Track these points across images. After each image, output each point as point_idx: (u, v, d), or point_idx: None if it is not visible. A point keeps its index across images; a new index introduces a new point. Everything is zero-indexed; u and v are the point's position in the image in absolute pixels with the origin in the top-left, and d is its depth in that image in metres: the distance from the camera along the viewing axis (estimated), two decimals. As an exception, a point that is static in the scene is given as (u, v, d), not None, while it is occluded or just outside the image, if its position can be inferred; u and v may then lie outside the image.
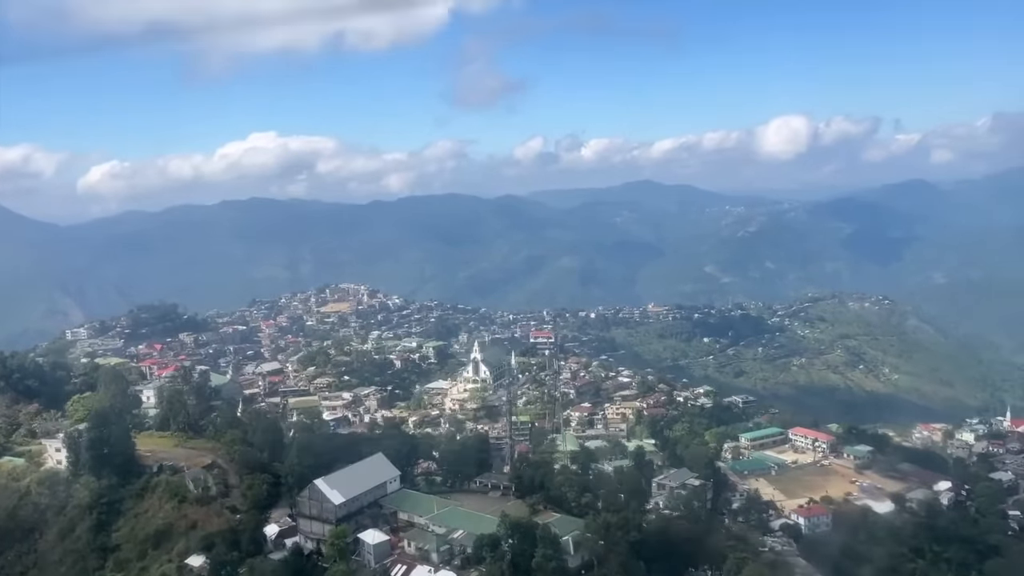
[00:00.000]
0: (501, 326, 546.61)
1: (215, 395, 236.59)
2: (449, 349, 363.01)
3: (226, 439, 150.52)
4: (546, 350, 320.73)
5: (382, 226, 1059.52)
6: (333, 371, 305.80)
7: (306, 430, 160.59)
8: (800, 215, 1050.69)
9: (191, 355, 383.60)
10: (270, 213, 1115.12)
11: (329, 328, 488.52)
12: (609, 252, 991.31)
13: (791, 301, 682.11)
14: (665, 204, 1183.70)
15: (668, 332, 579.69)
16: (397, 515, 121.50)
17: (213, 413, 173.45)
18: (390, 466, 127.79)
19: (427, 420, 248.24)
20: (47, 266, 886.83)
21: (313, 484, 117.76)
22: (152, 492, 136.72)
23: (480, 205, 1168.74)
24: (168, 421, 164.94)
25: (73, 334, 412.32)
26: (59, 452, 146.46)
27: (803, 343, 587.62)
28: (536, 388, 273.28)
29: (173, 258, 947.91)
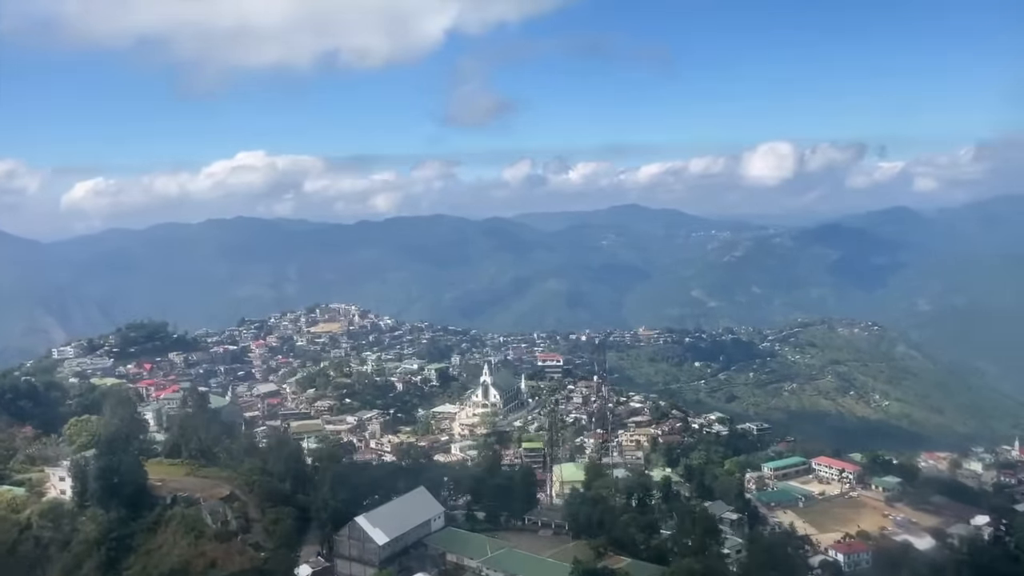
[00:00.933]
0: (492, 348, 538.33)
1: (216, 418, 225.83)
2: (449, 371, 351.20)
3: (244, 468, 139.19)
4: (555, 374, 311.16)
5: (368, 246, 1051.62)
6: (334, 393, 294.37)
7: (329, 458, 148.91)
8: (785, 241, 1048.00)
9: (181, 375, 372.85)
10: (256, 232, 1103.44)
11: (320, 348, 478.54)
12: (596, 275, 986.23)
13: (781, 326, 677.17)
14: (651, 228, 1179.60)
15: (659, 356, 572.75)
16: (445, 557, 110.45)
17: (226, 439, 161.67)
18: (434, 502, 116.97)
19: (437, 446, 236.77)
20: (28, 283, 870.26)
21: (354, 522, 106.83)
22: (166, 526, 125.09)
23: (467, 226, 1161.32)
24: (179, 447, 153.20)
25: (60, 352, 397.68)
26: (63, 481, 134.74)
27: (794, 368, 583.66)
28: (547, 413, 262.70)
29: (157, 276, 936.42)
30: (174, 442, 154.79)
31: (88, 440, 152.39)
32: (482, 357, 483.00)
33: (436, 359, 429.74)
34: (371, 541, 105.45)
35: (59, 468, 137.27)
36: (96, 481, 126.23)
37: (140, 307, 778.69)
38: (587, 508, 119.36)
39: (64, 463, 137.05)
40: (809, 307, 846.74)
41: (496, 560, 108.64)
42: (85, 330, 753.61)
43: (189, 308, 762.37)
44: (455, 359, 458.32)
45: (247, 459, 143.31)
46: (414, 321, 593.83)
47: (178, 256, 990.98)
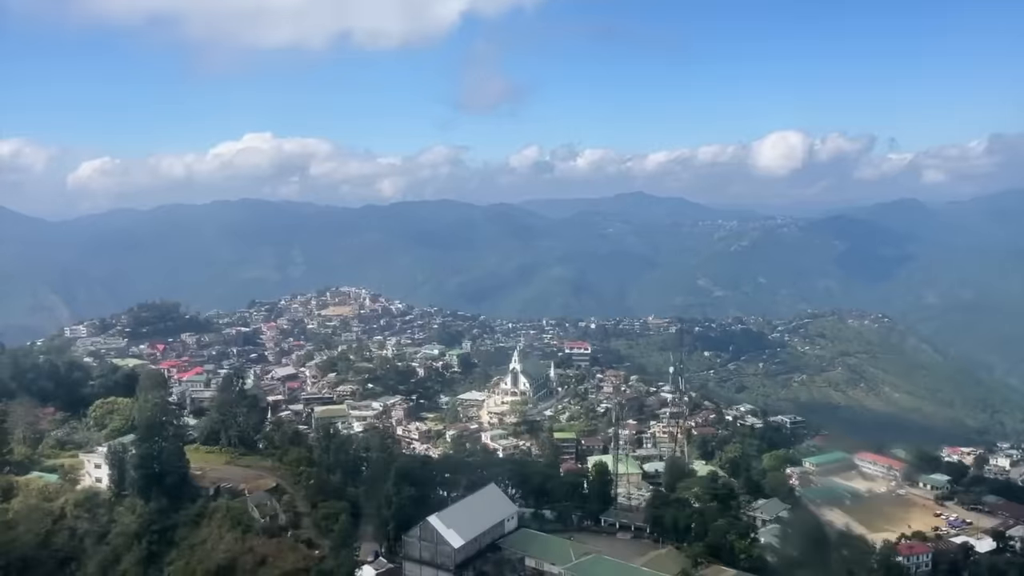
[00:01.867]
0: (502, 334, 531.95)
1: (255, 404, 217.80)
2: (471, 358, 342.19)
3: (289, 458, 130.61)
4: (582, 362, 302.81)
5: (374, 230, 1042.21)
6: (356, 378, 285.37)
7: (380, 449, 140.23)
8: (792, 231, 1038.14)
9: (195, 356, 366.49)
10: (261, 214, 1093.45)
11: (331, 332, 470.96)
12: (601, 263, 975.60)
13: (790, 317, 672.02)
14: (657, 216, 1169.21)
15: (668, 345, 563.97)
16: (524, 562, 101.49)
17: (266, 426, 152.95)
18: (506, 500, 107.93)
19: (466, 435, 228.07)
20: (34, 262, 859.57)
21: (426, 522, 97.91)
22: (210, 519, 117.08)
23: (473, 212, 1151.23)
24: (217, 434, 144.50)
25: (72, 331, 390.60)
26: (99, 468, 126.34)
27: (804, 359, 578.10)
28: (577, 403, 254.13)
29: (162, 257, 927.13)
30: (212, 428, 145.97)
31: (121, 424, 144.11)
32: (494, 343, 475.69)
33: (448, 344, 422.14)
34: (445, 543, 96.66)
35: (94, 454, 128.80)
36: (136, 470, 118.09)
37: (145, 288, 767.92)
38: (672, 511, 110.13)
39: (99, 449, 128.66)
40: (815, 298, 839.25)
41: (584, 568, 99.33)
42: (90, 309, 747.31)
43: (195, 289, 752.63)
44: (466, 344, 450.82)
45: (291, 448, 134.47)
46: (420, 306, 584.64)
47: (184, 237, 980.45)
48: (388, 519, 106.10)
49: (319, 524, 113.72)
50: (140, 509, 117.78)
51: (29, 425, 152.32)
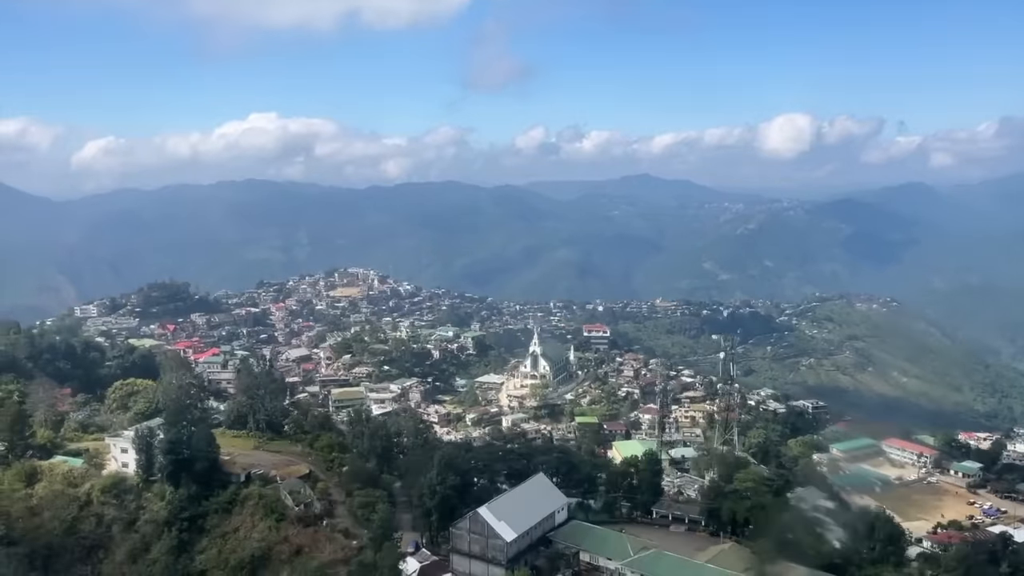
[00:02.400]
0: (510, 316, 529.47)
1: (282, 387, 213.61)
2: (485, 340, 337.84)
3: (321, 444, 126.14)
4: (601, 345, 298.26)
5: (379, 212, 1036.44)
6: (371, 360, 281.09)
7: (416, 435, 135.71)
8: (799, 214, 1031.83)
9: (205, 337, 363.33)
10: (266, 195, 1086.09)
11: (340, 313, 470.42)
12: (607, 245, 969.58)
13: (798, 300, 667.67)
14: (663, 199, 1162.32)
15: (676, 328, 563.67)
16: (579, 557, 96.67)
17: (294, 410, 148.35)
18: (556, 491, 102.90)
19: (486, 418, 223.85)
20: (39, 242, 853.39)
21: (476, 514, 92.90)
22: (241, 506, 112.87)
23: (478, 194, 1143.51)
24: (245, 418, 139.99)
25: (82, 311, 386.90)
26: (125, 453, 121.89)
27: (812, 343, 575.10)
28: (598, 386, 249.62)
29: (168, 237, 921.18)
30: (239, 412, 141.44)
31: (145, 407, 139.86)
32: (502, 325, 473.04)
33: (457, 326, 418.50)
34: (497, 537, 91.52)
35: (120, 438, 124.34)
36: (166, 455, 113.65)
37: (151, 268, 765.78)
38: (730, 503, 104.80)
39: (125, 433, 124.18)
40: (821, 282, 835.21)
41: (643, 564, 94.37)
42: (96, 290, 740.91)
43: (200, 270, 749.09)
44: (476, 326, 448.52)
45: (322, 433, 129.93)
46: (427, 288, 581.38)
47: (189, 218, 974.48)
48: (431, 509, 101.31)
49: (355, 513, 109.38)
50: (169, 496, 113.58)
51: (48, 407, 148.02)
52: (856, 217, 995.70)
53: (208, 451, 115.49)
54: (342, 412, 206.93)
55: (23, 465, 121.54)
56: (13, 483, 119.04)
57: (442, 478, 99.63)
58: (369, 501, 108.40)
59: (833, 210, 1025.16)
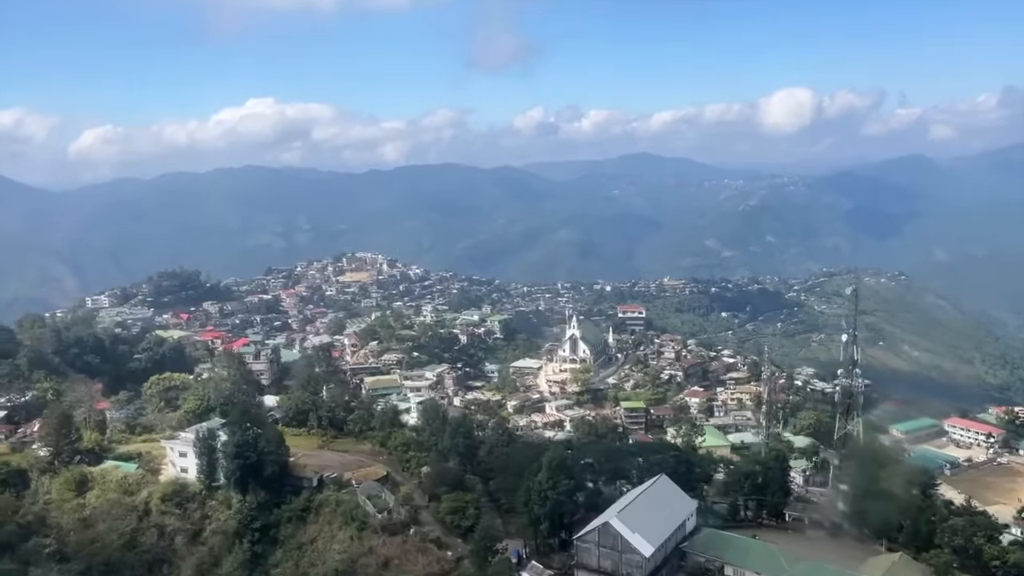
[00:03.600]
0: (520, 298, 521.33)
1: (287, 374, 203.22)
2: (514, 324, 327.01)
3: (394, 442, 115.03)
4: (636, 326, 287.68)
5: (378, 195, 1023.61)
6: (399, 346, 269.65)
7: (499, 430, 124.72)
8: (800, 189, 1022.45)
9: (219, 325, 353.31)
10: (264, 181, 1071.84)
11: (350, 298, 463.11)
12: (607, 225, 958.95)
13: (806, 276, 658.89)
14: (663, 177, 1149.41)
15: (685, 306, 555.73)
16: (724, 571, 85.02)
17: (356, 404, 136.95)
18: (682, 495, 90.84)
19: (528, 405, 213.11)
20: (38, 233, 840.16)
21: (607, 525, 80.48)
22: (317, 514, 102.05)
23: (477, 175, 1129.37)
24: (305, 415, 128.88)
25: (94, 302, 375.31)
26: (184, 457, 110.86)
27: (821, 319, 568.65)
28: (640, 369, 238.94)
29: (167, 226, 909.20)
30: (298, 408, 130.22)
31: (196, 405, 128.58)
32: (513, 307, 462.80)
33: (467, 308, 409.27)
34: (633, 551, 78.87)
35: (177, 441, 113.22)
36: (232, 459, 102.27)
37: (151, 257, 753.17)
38: (881, 505, 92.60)
39: (183, 435, 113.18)
40: (824, 256, 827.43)
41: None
42: (97, 279, 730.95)
43: (200, 257, 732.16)
44: (485, 309, 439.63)
45: (395, 431, 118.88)
46: (433, 271, 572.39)
47: (188, 205, 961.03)
48: (540, 517, 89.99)
49: (444, 520, 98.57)
50: (238, 504, 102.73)
51: (89, 406, 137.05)
52: (857, 191, 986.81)
53: (278, 453, 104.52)
54: (379, 402, 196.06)
55: (72, 472, 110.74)
56: (63, 492, 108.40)
57: (554, 482, 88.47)
58: (459, 506, 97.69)
59: (833, 184, 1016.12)
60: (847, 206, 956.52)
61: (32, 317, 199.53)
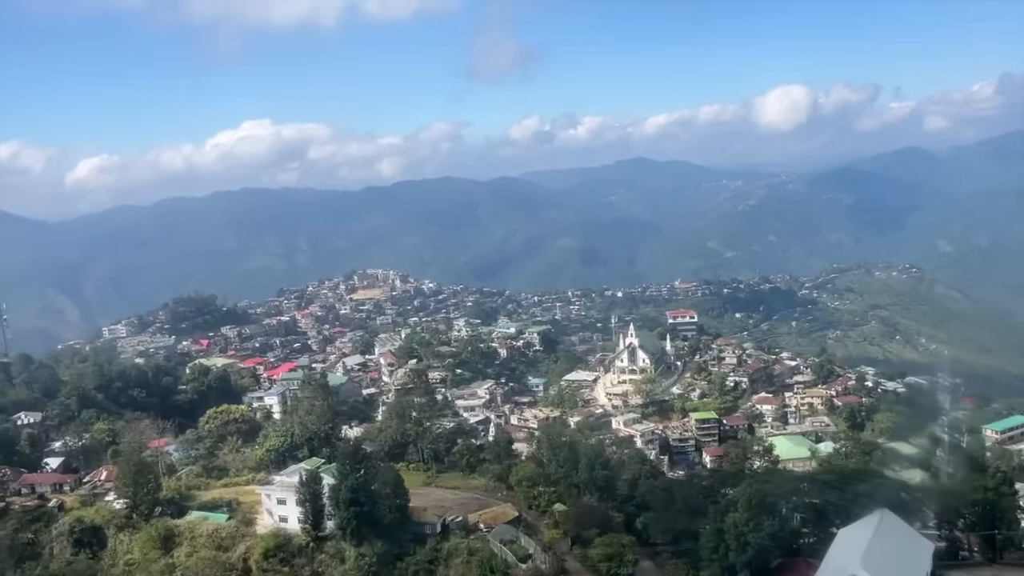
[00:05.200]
0: (537, 308, 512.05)
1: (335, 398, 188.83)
2: (553, 335, 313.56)
3: (518, 476, 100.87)
4: (688, 331, 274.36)
5: (377, 212, 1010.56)
6: (440, 363, 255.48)
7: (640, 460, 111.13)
8: (799, 187, 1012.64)
9: (240, 350, 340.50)
10: (262, 203, 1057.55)
11: (366, 316, 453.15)
12: (608, 231, 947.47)
13: (817, 273, 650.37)
14: (660, 181, 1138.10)
15: (698, 308, 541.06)
16: None
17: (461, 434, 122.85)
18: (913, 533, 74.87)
19: (592, 420, 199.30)
20: (38, 264, 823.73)
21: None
22: (446, 565, 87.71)
23: (475, 188, 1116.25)
24: (403, 447, 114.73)
25: (111, 331, 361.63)
26: (283, 505, 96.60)
27: (835, 315, 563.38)
28: (703, 377, 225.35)
29: (167, 252, 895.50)
30: (396, 440, 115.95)
31: (280, 442, 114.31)
32: (529, 318, 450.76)
33: (484, 320, 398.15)
34: None
35: (273, 487, 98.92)
36: (347, 506, 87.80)
37: (153, 283, 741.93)
38: None
39: (278, 479, 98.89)
40: (827, 253, 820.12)
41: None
42: (99, 308, 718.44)
43: (202, 282, 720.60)
44: (502, 320, 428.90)
45: (518, 464, 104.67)
46: (447, 285, 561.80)
47: (187, 230, 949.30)
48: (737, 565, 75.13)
49: (598, 568, 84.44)
50: (353, 557, 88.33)
51: (153, 448, 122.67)
52: (856, 186, 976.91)
53: (398, 497, 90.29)
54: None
55: (155, 527, 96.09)
56: (147, 550, 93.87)
57: (755, 523, 74.40)
58: (614, 552, 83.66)
59: (832, 180, 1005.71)
60: (847, 201, 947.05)
61: (71, 351, 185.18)
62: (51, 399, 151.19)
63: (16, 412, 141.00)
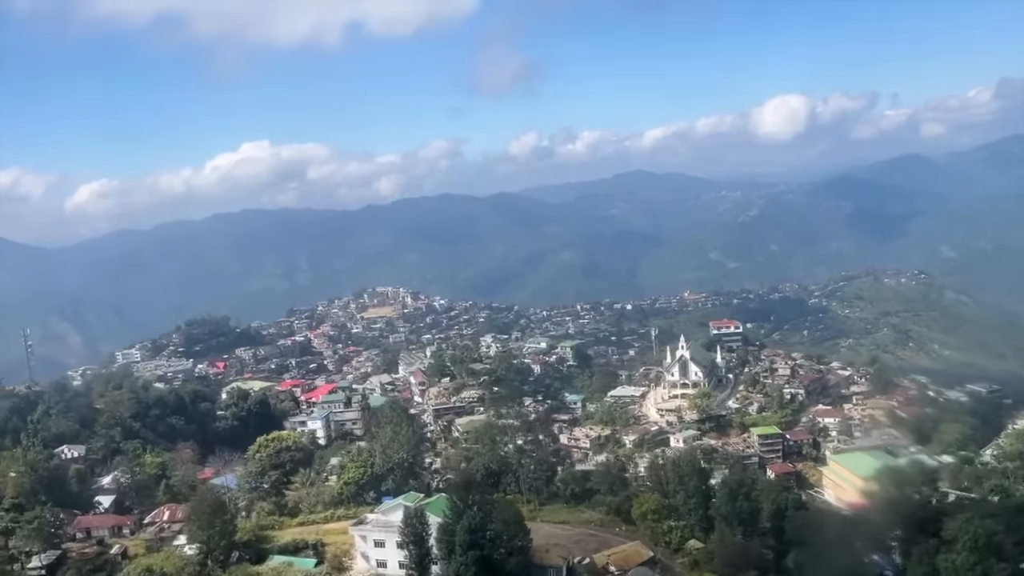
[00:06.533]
0: (547, 323, 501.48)
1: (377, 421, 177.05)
2: (587, 350, 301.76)
3: (642, 509, 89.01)
4: (733, 342, 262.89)
5: (377, 231, 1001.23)
6: (475, 381, 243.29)
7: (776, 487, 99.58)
8: (798, 196, 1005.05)
9: (256, 372, 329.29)
10: (262, 224, 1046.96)
11: (378, 334, 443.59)
12: (608, 244, 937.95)
13: (825, 281, 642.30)
14: (659, 193, 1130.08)
15: (709, 319, 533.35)
16: None
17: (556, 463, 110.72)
18: None
19: (648, 439, 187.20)
20: (39, 291, 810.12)
21: None
22: (578, 611, 75.81)
23: (474, 204, 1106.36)
24: (497, 477, 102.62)
25: (124, 356, 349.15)
26: (381, 548, 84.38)
27: (847, 323, 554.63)
28: (758, 390, 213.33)
29: (167, 275, 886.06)
30: (487, 468, 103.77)
31: (359, 474, 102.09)
32: (543, 332, 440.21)
33: (497, 335, 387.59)
34: None
35: (367, 527, 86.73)
36: (467, 550, 75.64)
37: (154, 307, 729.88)
38: None
39: (372, 517, 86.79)
40: (830, 261, 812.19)
41: None
42: (102, 334, 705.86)
43: (204, 304, 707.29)
44: (515, 335, 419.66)
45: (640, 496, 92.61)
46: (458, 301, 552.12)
47: (187, 253, 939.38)
48: None
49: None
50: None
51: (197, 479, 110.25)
52: (855, 194, 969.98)
53: (518, 537, 78.25)
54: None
55: (237, 574, 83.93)
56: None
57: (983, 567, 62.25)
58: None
59: (831, 189, 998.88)
60: (847, 209, 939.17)
61: (105, 377, 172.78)
62: (87, 429, 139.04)
63: (58, 445, 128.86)
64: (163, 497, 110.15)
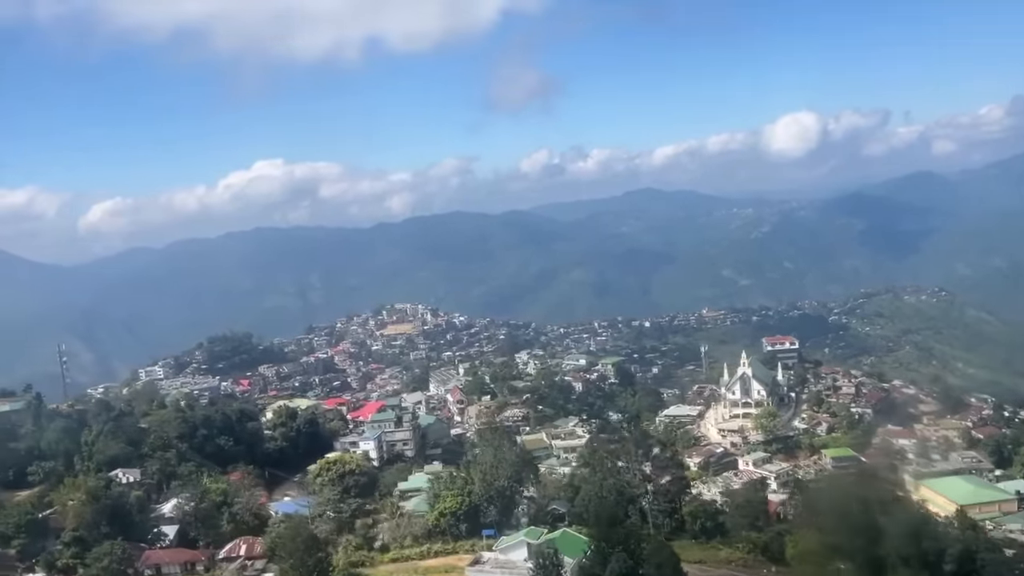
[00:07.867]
0: (568, 340, 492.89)
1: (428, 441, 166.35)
2: (629, 366, 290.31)
3: (794, 548, 77.65)
4: (789, 359, 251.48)
5: (389, 248, 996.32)
6: (518, 400, 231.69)
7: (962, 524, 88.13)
8: (810, 213, 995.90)
9: (280, 389, 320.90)
10: (274, 242, 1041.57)
11: (399, 351, 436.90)
12: (620, 262, 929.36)
13: (845, 298, 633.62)
14: (669, 210, 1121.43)
15: (729, 337, 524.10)
16: None
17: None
18: None
19: (713, 461, 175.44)
20: (53, 309, 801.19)
21: None
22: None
23: (486, 222, 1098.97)
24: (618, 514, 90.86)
25: (147, 373, 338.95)
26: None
27: (868, 341, 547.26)
28: (824, 409, 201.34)
29: (181, 293, 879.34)
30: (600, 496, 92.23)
31: (456, 504, 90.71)
32: (564, 349, 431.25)
33: (518, 352, 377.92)
34: None
35: (485, 565, 75.50)
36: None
37: (168, 325, 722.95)
38: None
39: (489, 555, 75.55)
40: (844, 278, 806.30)
41: None
42: (115, 352, 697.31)
43: (220, 322, 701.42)
44: (537, 351, 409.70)
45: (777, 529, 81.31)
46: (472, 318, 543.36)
47: (200, 271, 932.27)
48: None
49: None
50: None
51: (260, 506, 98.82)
52: (867, 211, 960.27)
53: (667, 575, 66.99)
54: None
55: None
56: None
57: None
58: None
59: (843, 206, 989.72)
60: (860, 227, 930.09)
61: (146, 394, 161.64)
62: (136, 451, 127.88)
63: (112, 469, 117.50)
64: (227, 527, 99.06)
